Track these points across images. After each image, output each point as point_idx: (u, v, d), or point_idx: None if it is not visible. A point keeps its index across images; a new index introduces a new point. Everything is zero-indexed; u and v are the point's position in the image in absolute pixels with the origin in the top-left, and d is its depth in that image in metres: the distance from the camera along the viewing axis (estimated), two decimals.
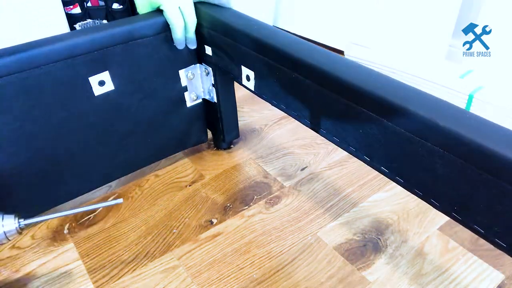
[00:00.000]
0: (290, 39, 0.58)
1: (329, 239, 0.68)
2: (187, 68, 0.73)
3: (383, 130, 0.46)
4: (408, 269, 0.63)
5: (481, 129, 0.38)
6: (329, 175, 0.82)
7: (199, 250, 0.66)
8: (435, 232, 0.69)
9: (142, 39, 0.65)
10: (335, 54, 0.54)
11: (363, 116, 0.47)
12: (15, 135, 0.59)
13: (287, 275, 0.62)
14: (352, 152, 0.53)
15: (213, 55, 0.70)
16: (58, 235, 0.69)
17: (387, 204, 0.75)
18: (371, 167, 0.51)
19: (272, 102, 0.64)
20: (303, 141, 0.92)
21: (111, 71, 0.64)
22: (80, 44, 0.59)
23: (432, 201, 0.44)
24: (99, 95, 0.64)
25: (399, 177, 0.47)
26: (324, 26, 1.38)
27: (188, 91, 0.76)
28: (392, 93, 0.45)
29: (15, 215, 0.52)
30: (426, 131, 0.41)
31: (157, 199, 0.76)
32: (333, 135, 0.55)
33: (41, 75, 0.57)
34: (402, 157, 0.45)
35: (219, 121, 0.82)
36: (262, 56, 0.59)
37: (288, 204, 0.75)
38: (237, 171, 0.83)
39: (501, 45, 1.03)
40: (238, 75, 0.67)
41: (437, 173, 0.42)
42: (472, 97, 0.94)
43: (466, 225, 0.42)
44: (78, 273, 0.62)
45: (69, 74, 0.60)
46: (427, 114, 0.41)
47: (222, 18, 0.65)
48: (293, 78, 0.56)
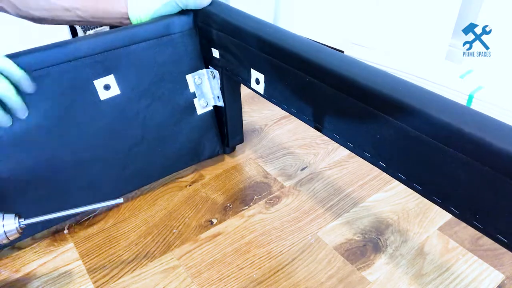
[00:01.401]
0: (303, 41, 0.56)
1: (329, 239, 0.68)
2: (194, 73, 0.72)
3: (403, 135, 0.44)
4: (408, 269, 0.63)
5: (507, 135, 0.37)
6: (329, 175, 0.82)
7: (199, 250, 0.66)
8: (435, 232, 0.69)
9: (144, 42, 0.64)
10: (352, 58, 0.52)
11: (381, 121, 0.46)
12: (16, 142, 0.57)
13: (287, 275, 0.62)
14: (368, 158, 0.51)
15: (221, 58, 0.68)
16: (58, 235, 0.69)
17: (387, 204, 0.75)
18: (387, 174, 0.50)
19: (283, 106, 0.61)
20: (303, 141, 0.92)
21: (116, 74, 0.63)
22: (82, 46, 0.59)
23: (451, 209, 0.43)
24: (105, 99, 0.63)
25: (418, 184, 0.46)
26: (324, 26, 1.38)
27: (197, 97, 0.74)
28: (413, 97, 0.43)
29: (15, 215, 0.52)
30: (450, 137, 0.39)
31: (157, 199, 0.76)
32: (347, 141, 0.53)
33: (42, 77, 0.56)
34: (422, 164, 0.44)
35: (224, 126, 0.80)
36: (274, 59, 0.58)
37: (288, 204, 0.75)
38: (237, 171, 0.83)
39: (501, 45, 1.04)
40: (247, 79, 0.65)
41: (459, 180, 0.40)
42: (472, 97, 0.94)
43: (488, 234, 0.41)
44: (78, 273, 0.62)
45: (72, 77, 0.59)
46: (451, 119, 0.39)
47: (232, 20, 0.63)
48: (307, 81, 0.54)
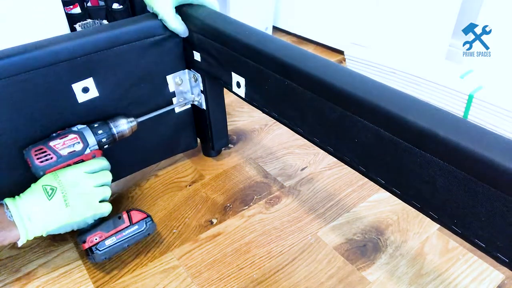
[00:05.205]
0: (283, 45, 0.56)
1: (329, 239, 0.68)
2: (175, 74, 0.72)
3: (380, 140, 0.44)
4: (408, 269, 0.63)
5: (483, 140, 0.37)
6: (329, 175, 0.82)
7: (199, 250, 0.66)
8: (435, 232, 0.69)
9: (127, 44, 0.63)
10: (330, 61, 0.52)
11: (359, 125, 0.46)
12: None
13: (287, 275, 0.62)
14: (347, 162, 0.51)
15: (202, 61, 0.68)
16: (58, 235, 0.69)
17: (387, 204, 0.75)
18: (366, 178, 0.50)
19: (263, 109, 0.62)
20: (303, 141, 0.92)
21: (96, 77, 0.62)
22: (62, 51, 0.57)
23: (430, 214, 0.43)
24: (83, 102, 0.62)
25: (396, 188, 0.46)
26: (324, 26, 1.38)
27: (176, 96, 0.74)
28: (390, 101, 0.43)
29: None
30: (426, 141, 0.40)
31: (157, 199, 0.76)
32: (327, 145, 0.53)
33: (21, 82, 0.55)
34: (400, 168, 0.44)
35: (208, 129, 0.80)
36: (253, 63, 0.57)
37: (288, 204, 0.75)
38: (237, 171, 0.83)
39: (501, 45, 1.03)
40: (228, 82, 0.65)
41: (437, 185, 0.40)
42: (472, 97, 0.94)
43: (466, 239, 0.41)
44: (78, 273, 0.62)
45: (51, 81, 0.58)
46: (427, 123, 0.39)
47: (212, 23, 0.63)
48: (286, 85, 0.54)
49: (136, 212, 0.63)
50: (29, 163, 0.57)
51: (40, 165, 0.57)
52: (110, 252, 0.60)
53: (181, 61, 0.72)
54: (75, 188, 0.57)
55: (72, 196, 0.56)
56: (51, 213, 0.55)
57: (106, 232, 0.60)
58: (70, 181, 0.56)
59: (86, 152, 0.60)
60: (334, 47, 1.38)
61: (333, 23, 1.34)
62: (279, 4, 1.48)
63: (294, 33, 1.50)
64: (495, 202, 0.36)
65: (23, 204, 0.54)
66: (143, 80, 0.68)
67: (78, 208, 0.57)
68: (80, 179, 0.57)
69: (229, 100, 0.98)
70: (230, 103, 1.04)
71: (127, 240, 0.61)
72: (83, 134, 0.60)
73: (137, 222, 0.62)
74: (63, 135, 0.59)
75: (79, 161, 0.60)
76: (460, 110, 0.97)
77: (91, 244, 0.59)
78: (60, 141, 0.58)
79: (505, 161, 0.34)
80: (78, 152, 0.59)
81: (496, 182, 0.35)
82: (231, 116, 1.00)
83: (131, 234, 0.61)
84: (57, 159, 0.58)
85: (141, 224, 0.62)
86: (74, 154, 0.59)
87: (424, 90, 1.03)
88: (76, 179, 0.57)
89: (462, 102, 0.96)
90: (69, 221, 0.56)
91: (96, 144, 0.61)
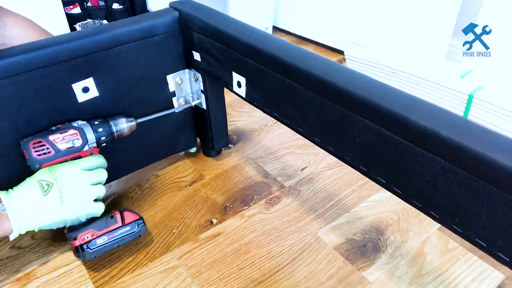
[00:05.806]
0: (284, 45, 0.56)
1: (329, 239, 0.68)
2: (175, 74, 0.72)
3: (381, 139, 0.44)
4: (408, 269, 0.63)
5: (484, 139, 0.37)
6: (329, 175, 0.82)
7: (199, 250, 0.66)
8: (435, 232, 0.69)
9: (127, 44, 0.63)
10: (331, 61, 0.52)
11: (360, 125, 0.46)
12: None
13: (287, 275, 0.62)
14: (348, 162, 0.51)
15: (202, 60, 0.68)
16: (58, 235, 0.69)
17: (387, 204, 0.75)
18: (367, 178, 0.50)
19: (264, 109, 0.62)
20: (303, 141, 0.92)
21: (96, 77, 0.62)
22: (62, 51, 0.57)
23: (431, 213, 0.43)
24: (83, 101, 0.62)
25: (397, 187, 0.46)
26: (324, 26, 1.38)
27: (177, 96, 0.74)
28: (391, 101, 0.43)
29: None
30: (428, 140, 0.40)
31: (157, 199, 0.76)
32: (327, 144, 0.53)
33: (21, 82, 0.55)
34: (401, 168, 0.44)
35: (208, 129, 0.80)
36: (254, 62, 0.57)
37: (288, 204, 0.75)
38: (237, 171, 0.83)
39: (501, 45, 1.04)
40: (228, 82, 0.65)
41: (438, 184, 0.40)
42: (472, 97, 0.94)
43: (467, 238, 0.41)
44: (78, 273, 0.62)
45: (51, 81, 0.58)
46: (429, 123, 0.39)
47: (213, 23, 0.62)
48: (287, 85, 0.54)
49: (129, 213, 0.63)
50: (26, 155, 0.56)
51: (37, 158, 0.56)
52: (101, 251, 0.60)
53: (181, 60, 0.72)
54: (71, 185, 0.56)
55: (68, 193, 0.56)
56: (46, 209, 0.55)
57: (98, 230, 0.59)
58: (66, 178, 0.56)
59: (84, 149, 0.60)
60: (334, 47, 1.38)
61: (333, 23, 1.34)
62: (279, 4, 1.48)
63: (294, 33, 1.50)
64: (496, 202, 0.36)
65: (17, 197, 0.53)
66: (143, 80, 0.68)
67: (72, 205, 0.56)
68: (77, 176, 0.57)
69: (229, 100, 0.98)
70: (230, 103, 1.04)
71: (118, 241, 0.61)
72: (83, 130, 0.60)
73: (129, 223, 0.62)
74: (63, 130, 0.59)
75: (76, 157, 0.59)
76: (460, 110, 0.97)
77: (82, 242, 0.58)
78: (59, 136, 0.58)
79: (506, 161, 0.34)
80: (76, 148, 0.59)
81: (498, 181, 0.35)
82: (231, 116, 1.00)
83: (122, 235, 0.61)
84: (55, 154, 0.57)
85: (133, 225, 0.62)
86: (73, 150, 0.59)
87: (424, 90, 1.03)
88: (73, 176, 0.57)
89: (462, 102, 0.96)
90: (62, 218, 0.56)
91: (95, 141, 0.61)
